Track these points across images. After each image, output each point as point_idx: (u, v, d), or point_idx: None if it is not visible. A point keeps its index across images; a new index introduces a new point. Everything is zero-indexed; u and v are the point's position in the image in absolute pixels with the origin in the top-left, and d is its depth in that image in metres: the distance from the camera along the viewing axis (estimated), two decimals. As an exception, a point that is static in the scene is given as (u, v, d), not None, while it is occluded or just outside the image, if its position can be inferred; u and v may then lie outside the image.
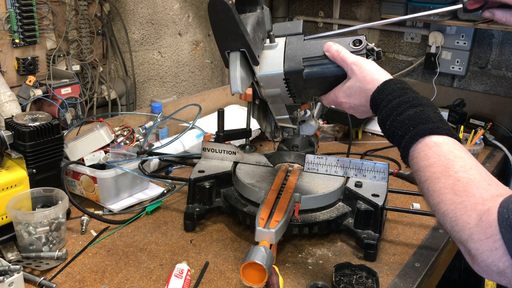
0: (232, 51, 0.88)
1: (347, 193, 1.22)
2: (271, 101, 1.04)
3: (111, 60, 1.84)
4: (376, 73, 0.91)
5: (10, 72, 1.50)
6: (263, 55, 0.96)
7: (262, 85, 0.98)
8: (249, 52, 0.88)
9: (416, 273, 1.10)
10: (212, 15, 0.84)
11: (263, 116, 1.13)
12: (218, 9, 0.82)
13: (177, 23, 2.09)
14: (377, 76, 0.91)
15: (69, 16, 1.61)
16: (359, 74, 0.92)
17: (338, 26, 2.43)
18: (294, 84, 0.97)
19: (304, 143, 1.49)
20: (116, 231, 1.24)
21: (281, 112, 1.08)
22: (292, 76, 0.95)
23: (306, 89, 0.98)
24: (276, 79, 0.96)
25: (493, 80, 2.10)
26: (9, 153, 1.17)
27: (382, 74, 0.91)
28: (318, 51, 0.96)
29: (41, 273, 1.07)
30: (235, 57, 0.88)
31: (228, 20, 0.83)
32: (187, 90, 2.24)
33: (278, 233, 1.01)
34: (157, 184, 1.48)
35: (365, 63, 0.92)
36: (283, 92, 0.98)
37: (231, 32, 0.84)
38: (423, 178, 0.77)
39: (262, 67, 0.96)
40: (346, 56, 0.93)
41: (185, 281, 1.00)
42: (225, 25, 0.84)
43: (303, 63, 0.95)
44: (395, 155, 1.77)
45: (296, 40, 0.98)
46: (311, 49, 0.96)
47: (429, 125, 0.79)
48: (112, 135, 1.40)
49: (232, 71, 0.87)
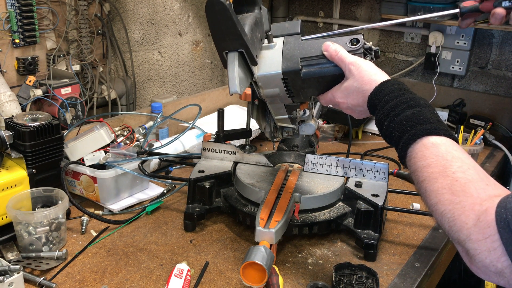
0: (230, 51, 0.88)
1: (347, 193, 1.22)
2: (270, 101, 1.04)
3: (111, 60, 1.84)
4: (374, 73, 0.91)
5: (10, 72, 1.50)
6: (261, 55, 0.96)
7: (260, 85, 0.98)
8: (247, 53, 0.88)
9: (416, 273, 1.10)
10: (209, 16, 0.84)
11: (262, 116, 1.13)
12: (215, 9, 0.82)
13: (177, 23, 2.09)
14: (375, 76, 0.91)
15: (69, 16, 1.61)
16: (357, 75, 0.92)
17: (338, 26, 2.43)
18: (292, 84, 0.97)
19: (304, 143, 1.49)
20: (116, 231, 1.24)
21: (280, 112, 1.08)
22: (290, 76, 0.95)
23: (304, 88, 0.98)
24: (274, 79, 0.96)
25: (493, 80, 2.10)
26: (9, 153, 1.17)
27: (380, 75, 0.91)
28: (316, 50, 0.96)
29: (41, 273, 1.07)
30: (233, 57, 0.88)
31: (225, 20, 0.83)
32: (187, 90, 2.24)
33: (278, 233, 1.01)
34: (157, 184, 1.48)
35: (363, 63, 0.92)
36: (281, 92, 0.98)
37: (229, 33, 0.84)
38: (420, 178, 0.77)
39: (260, 67, 0.96)
40: (344, 56, 0.93)
41: (185, 281, 1.00)
42: (222, 26, 0.84)
43: (301, 63, 0.95)
44: (395, 155, 1.77)
45: (294, 40, 0.98)
46: (308, 49, 0.96)
47: (426, 125, 0.79)
48: (112, 135, 1.40)
49: (230, 71, 0.87)
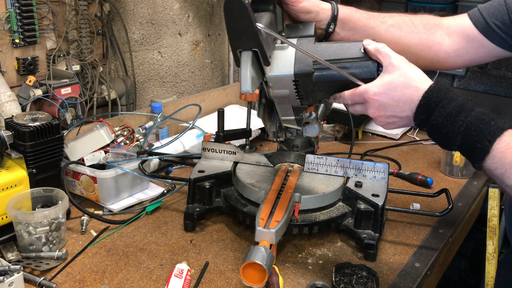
0: (244, 50, 0.87)
1: (347, 193, 1.22)
2: (278, 102, 1.03)
3: (111, 60, 1.84)
4: (422, 73, 0.88)
5: (10, 72, 1.50)
6: (274, 56, 0.96)
7: (271, 86, 0.97)
8: (261, 53, 0.88)
9: (416, 273, 1.10)
10: (227, 13, 0.83)
11: (268, 116, 1.13)
12: (234, 7, 0.81)
13: (177, 23, 2.09)
14: (424, 77, 0.88)
15: (69, 16, 1.61)
16: (405, 70, 0.88)
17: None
18: (303, 86, 0.96)
19: (304, 143, 1.49)
20: (116, 231, 1.24)
21: (287, 113, 1.08)
22: (301, 78, 0.95)
23: (315, 92, 0.98)
24: (285, 81, 0.96)
25: (493, 80, 2.10)
26: (9, 153, 1.17)
27: (426, 77, 0.88)
28: (329, 54, 0.95)
29: (41, 273, 1.07)
30: (247, 56, 0.87)
31: (243, 19, 0.82)
32: (187, 90, 2.24)
33: (278, 233, 1.01)
34: (157, 184, 1.48)
35: (408, 62, 0.90)
36: (291, 94, 0.98)
37: (245, 32, 0.84)
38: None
39: (272, 67, 0.95)
40: (389, 51, 0.90)
41: (185, 281, 1.00)
42: (239, 24, 0.83)
43: (313, 66, 0.95)
44: (395, 155, 1.77)
45: (307, 42, 0.98)
46: (322, 52, 0.95)
47: (506, 120, 0.76)
48: (112, 135, 1.40)
49: (243, 70, 0.87)
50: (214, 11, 2.27)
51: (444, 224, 1.32)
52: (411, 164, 1.72)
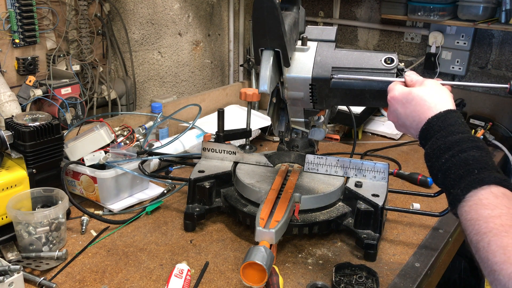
0: (267, 49, 0.87)
1: (347, 193, 1.22)
2: (291, 103, 1.03)
3: (111, 60, 1.84)
4: (444, 99, 0.84)
5: (10, 72, 1.50)
6: (293, 57, 0.96)
7: (286, 87, 0.97)
8: (283, 54, 0.88)
9: (416, 273, 1.10)
10: (256, 11, 0.83)
11: (277, 116, 1.13)
12: (264, 6, 0.82)
13: (177, 23, 2.09)
14: (443, 101, 0.84)
15: (69, 16, 1.61)
16: (429, 88, 0.85)
17: (338, 26, 2.43)
18: (318, 91, 0.96)
19: (304, 143, 1.49)
20: (116, 231, 1.24)
21: (297, 115, 1.08)
22: (318, 82, 0.95)
23: (330, 97, 0.97)
24: (302, 83, 0.96)
25: (493, 80, 2.10)
26: (9, 153, 1.17)
27: (448, 103, 0.84)
28: (349, 62, 0.95)
29: (41, 273, 1.07)
30: (269, 56, 0.87)
31: (271, 18, 0.83)
32: (187, 90, 2.24)
33: (278, 233, 1.01)
34: (157, 184, 1.48)
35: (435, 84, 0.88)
36: (305, 97, 0.98)
37: (272, 31, 0.84)
38: (483, 229, 0.67)
39: (291, 69, 0.95)
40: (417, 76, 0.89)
41: (185, 281, 1.00)
42: (267, 23, 0.84)
43: (332, 72, 0.94)
44: (395, 155, 1.77)
45: (327, 47, 0.97)
46: (342, 59, 0.95)
47: (497, 174, 0.72)
48: (112, 135, 1.40)
49: (263, 69, 0.87)
50: (214, 11, 2.27)
51: (444, 224, 1.32)
52: (411, 164, 1.72)
